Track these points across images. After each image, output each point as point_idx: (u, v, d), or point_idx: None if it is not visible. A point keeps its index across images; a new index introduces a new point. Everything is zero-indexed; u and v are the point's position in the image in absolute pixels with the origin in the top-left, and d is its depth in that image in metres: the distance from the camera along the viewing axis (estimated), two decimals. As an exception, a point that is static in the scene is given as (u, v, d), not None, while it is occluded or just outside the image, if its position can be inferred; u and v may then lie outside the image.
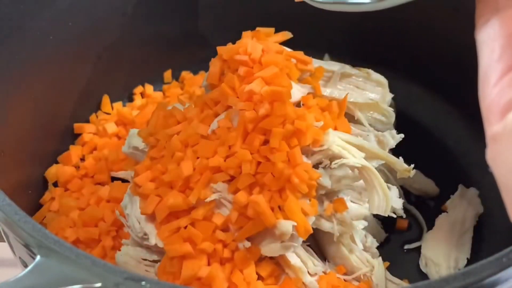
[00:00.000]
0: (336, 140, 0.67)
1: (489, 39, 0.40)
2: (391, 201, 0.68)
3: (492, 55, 0.39)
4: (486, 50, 0.40)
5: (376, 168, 0.68)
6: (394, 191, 0.75)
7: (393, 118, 0.79)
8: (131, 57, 0.92)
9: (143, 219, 0.68)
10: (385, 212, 0.68)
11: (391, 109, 0.78)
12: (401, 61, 0.91)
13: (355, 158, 0.67)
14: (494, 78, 0.39)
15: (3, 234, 0.60)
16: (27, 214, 0.54)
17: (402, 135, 0.74)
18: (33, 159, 0.81)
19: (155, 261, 0.69)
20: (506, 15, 0.39)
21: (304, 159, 0.66)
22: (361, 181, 0.69)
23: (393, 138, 0.74)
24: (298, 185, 0.64)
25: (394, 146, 0.74)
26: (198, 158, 0.67)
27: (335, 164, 0.67)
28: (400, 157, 0.71)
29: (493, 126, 0.38)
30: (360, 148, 0.69)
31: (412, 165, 0.70)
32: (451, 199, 0.81)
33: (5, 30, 0.74)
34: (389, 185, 0.73)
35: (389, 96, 0.80)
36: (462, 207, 0.80)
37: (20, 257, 0.58)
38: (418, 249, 0.78)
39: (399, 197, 0.76)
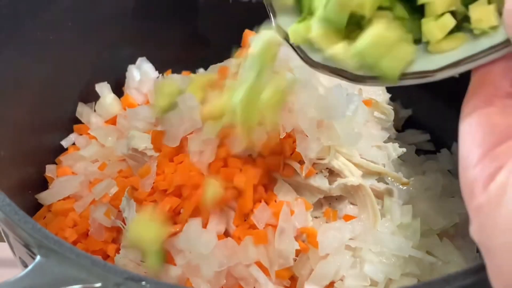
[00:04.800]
0: (337, 156, 0.69)
1: (471, 129, 0.44)
2: (379, 222, 0.70)
3: (474, 142, 0.44)
4: (468, 138, 0.45)
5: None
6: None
7: (392, 116, 0.79)
8: (131, 57, 0.92)
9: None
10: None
11: (390, 107, 0.79)
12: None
13: (352, 176, 0.69)
14: (475, 160, 0.43)
15: (3, 234, 0.60)
16: (27, 214, 0.54)
17: (404, 149, 0.74)
18: (33, 159, 0.81)
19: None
20: (487, 111, 0.44)
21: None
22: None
23: (395, 151, 0.74)
24: None
25: (396, 158, 0.74)
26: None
27: (332, 184, 0.69)
28: (400, 172, 0.72)
29: (476, 199, 0.42)
30: (359, 166, 0.70)
31: (411, 179, 0.71)
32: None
33: (5, 30, 0.74)
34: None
35: (387, 95, 0.81)
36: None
37: (20, 257, 0.58)
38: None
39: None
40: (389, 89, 0.82)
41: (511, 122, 0.43)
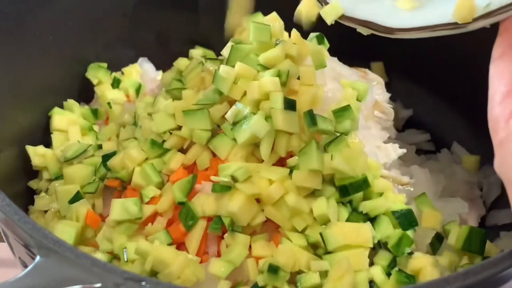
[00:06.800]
0: None
1: (498, 70, 0.48)
2: None
3: (499, 82, 0.48)
4: (495, 78, 0.48)
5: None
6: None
7: (392, 116, 0.79)
8: (130, 57, 0.92)
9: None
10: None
11: (390, 107, 0.79)
12: (401, 62, 0.91)
13: None
14: (499, 98, 0.47)
15: (3, 234, 0.60)
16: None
17: (405, 150, 0.74)
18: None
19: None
20: None
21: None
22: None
23: (395, 151, 0.74)
24: None
25: (396, 158, 0.74)
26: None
27: None
28: (400, 174, 0.72)
29: (499, 134, 0.46)
30: None
31: (412, 180, 0.71)
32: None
33: (5, 29, 0.74)
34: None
35: (387, 95, 0.81)
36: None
37: (20, 257, 0.58)
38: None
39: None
40: (389, 89, 0.82)
41: None
